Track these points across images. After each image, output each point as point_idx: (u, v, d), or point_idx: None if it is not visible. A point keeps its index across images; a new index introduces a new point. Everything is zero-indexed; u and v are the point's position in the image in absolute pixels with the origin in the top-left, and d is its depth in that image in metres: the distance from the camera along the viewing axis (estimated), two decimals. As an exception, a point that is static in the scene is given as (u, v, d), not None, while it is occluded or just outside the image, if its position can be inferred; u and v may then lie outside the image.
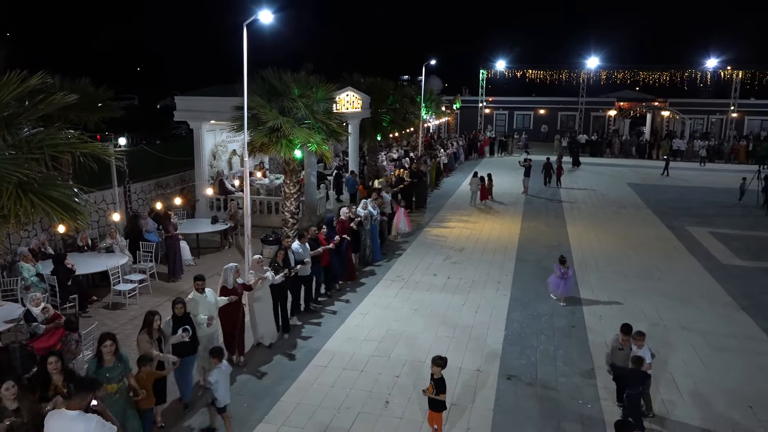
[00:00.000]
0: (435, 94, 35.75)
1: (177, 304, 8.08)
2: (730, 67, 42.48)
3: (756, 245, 17.47)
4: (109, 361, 6.83)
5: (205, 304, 8.67)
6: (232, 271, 9.34)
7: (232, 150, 20.21)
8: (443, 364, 7.32)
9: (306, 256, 11.38)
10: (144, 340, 7.61)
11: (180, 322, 8.03)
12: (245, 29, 11.36)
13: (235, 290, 9.30)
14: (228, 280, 9.29)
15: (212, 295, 8.90)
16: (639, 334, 8.14)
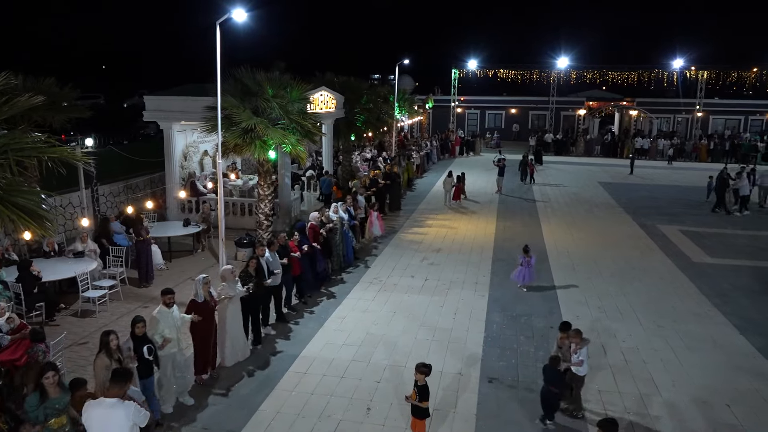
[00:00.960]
0: (408, 94, 35.72)
1: (137, 324, 7.53)
2: (694, 68, 43.38)
3: (724, 243, 17.81)
4: (53, 393, 6.27)
5: (169, 321, 8.08)
6: (201, 283, 8.76)
7: (203, 151, 19.82)
8: (427, 371, 7.16)
9: (276, 265, 10.91)
10: (101, 365, 6.87)
11: (140, 342, 7.52)
12: (218, 28, 11.08)
13: (206, 303, 8.76)
14: (198, 293, 8.74)
15: (178, 312, 8.39)
16: (576, 332, 8.17)
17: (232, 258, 14.55)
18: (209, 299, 8.84)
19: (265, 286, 10.29)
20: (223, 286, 9.34)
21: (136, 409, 5.78)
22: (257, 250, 10.76)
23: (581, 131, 45.10)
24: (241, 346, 9.65)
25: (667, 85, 46.16)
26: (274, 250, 11.11)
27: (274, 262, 10.90)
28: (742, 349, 10.38)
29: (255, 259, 10.36)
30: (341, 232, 14.41)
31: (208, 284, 8.88)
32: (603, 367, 9.60)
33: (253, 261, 10.30)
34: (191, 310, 8.60)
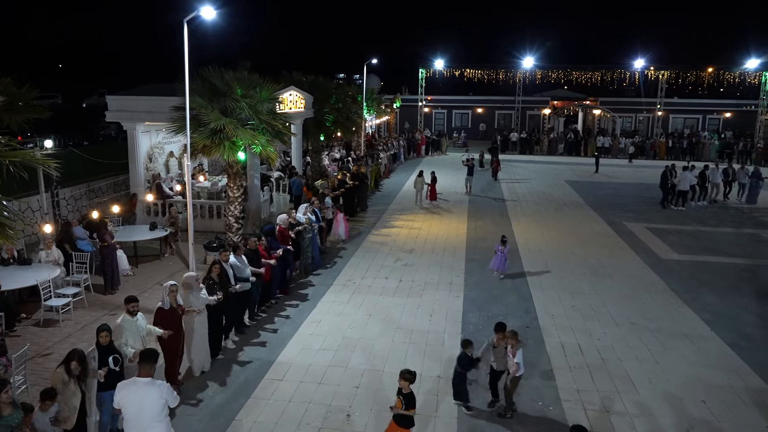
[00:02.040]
0: (375, 93, 35.62)
1: (102, 332, 7.20)
2: (653, 68, 44.35)
3: (689, 239, 18.21)
4: (6, 410, 5.92)
5: (134, 331, 7.79)
6: (167, 290, 8.45)
7: (169, 152, 19.32)
8: (412, 378, 7.01)
9: (246, 271, 10.50)
10: (58, 379, 6.55)
11: (106, 351, 7.18)
12: (186, 26, 10.75)
13: (172, 311, 8.42)
14: (165, 301, 8.42)
15: (143, 320, 8.06)
16: (512, 334, 8.08)
17: (202, 262, 14.18)
18: (176, 306, 8.51)
19: (231, 292, 9.84)
20: (187, 295, 8.90)
21: (168, 389, 6.20)
22: (221, 255, 10.30)
23: (546, 130, 45.68)
24: (203, 357, 9.23)
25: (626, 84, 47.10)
26: (241, 254, 10.70)
27: (242, 268, 10.49)
28: (714, 345, 10.57)
29: (218, 264, 9.87)
30: (310, 234, 14.15)
31: (175, 291, 8.56)
32: (580, 365, 9.65)
33: (216, 266, 9.80)
34: (158, 318, 8.28)
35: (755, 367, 9.70)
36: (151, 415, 6.01)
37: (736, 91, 49.37)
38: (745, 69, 42.09)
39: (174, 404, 6.33)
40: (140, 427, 6.01)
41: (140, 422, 5.99)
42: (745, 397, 8.74)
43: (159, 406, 6.04)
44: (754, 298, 13.06)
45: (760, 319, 11.86)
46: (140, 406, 6.00)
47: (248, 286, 10.55)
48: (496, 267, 13.99)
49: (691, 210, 22.67)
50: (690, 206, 23.11)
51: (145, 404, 6.01)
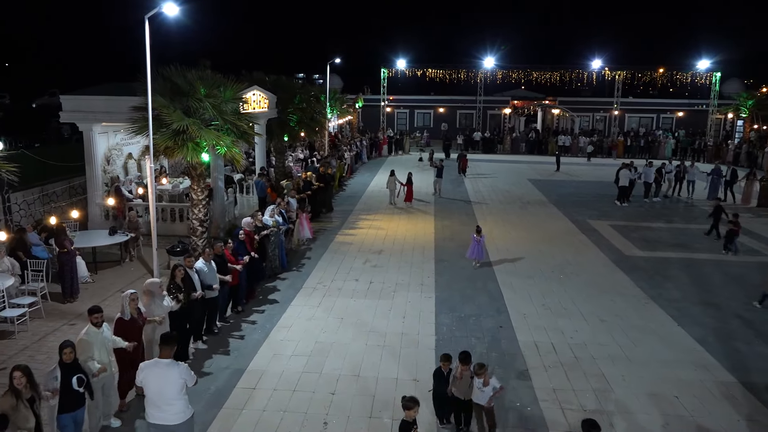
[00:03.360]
0: (338, 93, 35.37)
1: (65, 349, 6.68)
2: (608, 68, 45.34)
3: (650, 236, 18.59)
4: None
5: (101, 343, 7.37)
6: (128, 299, 8.02)
7: (128, 154, 18.68)
8: (412, 405, 6.35)
9: (213, 277, 10.16)
10: (6, 405, 6.05)
11: (69, 370, 6.66)
12: (147, 23, 10.34)
13: (133, 321, 8.02)
14: (125, 311, 8.00)
15: (108, 331, 7.63)
16: (480, 366, 7.29)
17: (165, 267, 13.72)
18: (137, 316, 8.11)
19: (193, 299, 9.40)
20: (150, 303, 8.51)
21: (186, 369, 6.60)
22: (185, 261, 9.91)
23: (508, 130, 46.22)
24: None
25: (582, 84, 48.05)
26: (209, 260, 10.34)
27: (210, 274, 10.14)
28: (682, 340, 10.75)
29: (182, 268, 9.47)
30: (278, 236, 13.88)
31: (136, 300, 8.16)
32: (555, 364, 9.67)
33: (179, 270, 9.39)
34: (118, 329, 7.87)
35: (722, 361, 9.90)
36: (172, 393, 6.46)
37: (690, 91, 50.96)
38: (697, 70, 43.46)
39: (192, 383, 6.70)
40: (162, 404, 6.47)
41: (162, 399, 6.47)
42: (715, 391, 8.90)
43: (179, 385, 6.49)
44: (716, 292, 13.38)
45: (723, 313, 12.14)
46: (162, 385, 6.45)
47: (215, 293, 10.20)
48: (473, 255, 14.71)
49: (647, 207, 23.21)
50: (645, 202, 23.83)
51: (167, 383, 6.44)
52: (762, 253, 16.84)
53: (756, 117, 40.55)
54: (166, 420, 6.48)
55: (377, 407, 8.29)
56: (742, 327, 11.43)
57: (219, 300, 10.67)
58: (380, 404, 8.36)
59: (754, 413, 8.30)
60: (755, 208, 23.34)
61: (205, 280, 9.97)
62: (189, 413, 6.64)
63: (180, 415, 6.51)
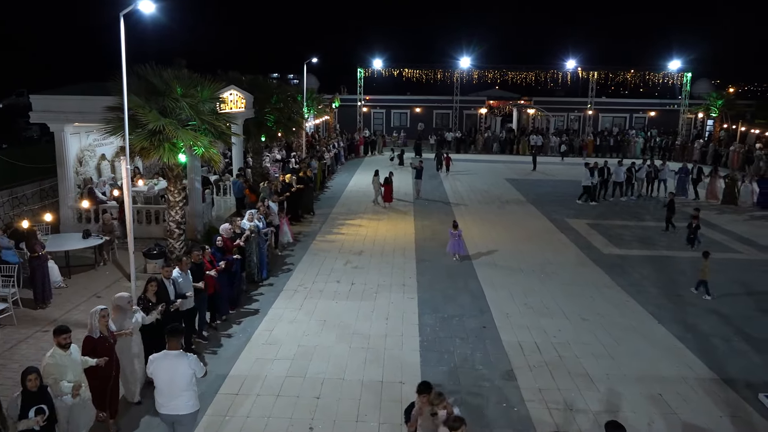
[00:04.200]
0: (315, 93, 35.13)
1: (29, 375, 6.09)
2: (582, 69, 45.85)
3: (627, 234, 18.80)
4: None
5: (72, 365, 6.77)
6: (97, 315, 7.34)
7: (101, 155, 18.25)
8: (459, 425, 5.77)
9: (189, 286, 9.61)
10: None
11: (33, 398, 6.07)
12: (122, 20, 10.07)
13: (103, 340, 7.35)
14: (94, 328, 7.31)
15: (77, 351, 7.03)
16: (437, 395, 6.40)
17: (142, 270, 13.42)
18: (108, 334, 7.46)
19: (170, 311, 8.84)
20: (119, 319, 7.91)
21: (196, 360, 6.77)
22: (163, 271, 9.43)
23: (481, 129, 46.38)
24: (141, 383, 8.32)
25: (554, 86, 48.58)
26: (186, 269, 9.74)
27: (185, 283, 9.55)
28: (663, 337, 10.86)
29: (154, 281, 8.81)
30: (257, 242, 13.37)
31: (107, 317, 7.50)
32: (539, 364, 9.68)
33: (152, 284, 8.73)
34: (87, 349, 7.20)
35: (703, 358, 10.02)
36: (182, 383, 6.61)
37: (662, 91, 51.82)
38: (669, 70, 44.21)
39: (201, 374, 6.86)
40: (171, 395, 6.61)
41: (172, 390, 6.60)
42: (697, 388, 8.99)
43: (188, 376, 6.64)
44: (693, 289, 13.56)
45: (701, 309, 12.31)
46: (171, 376, 6.59)
47: (191, 303, 9.61)
48: (453, 250, 15.23)
49: (622, 205, 23.49)
50: (622, 201, 24.20)
51: (176, 374, 6.59)
52: (734, 249, 17.15)
53: (725, 116, 41.47)
54: (176, 410, 6.65)
55: (363, 411, 8.19)
56: (719, 324, 11.59)
57: (196, 312, 10.10)
58: (366, 408, 8.26)
59: (736, 410, 8.40)
60: (720, 205, 23.88)
61: (180, 290, 9.43)
62: (197, 406, 6.83)
63: (189, 406, 6.69)
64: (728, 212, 22.57)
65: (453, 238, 15.24)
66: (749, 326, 11.46)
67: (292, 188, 18.99)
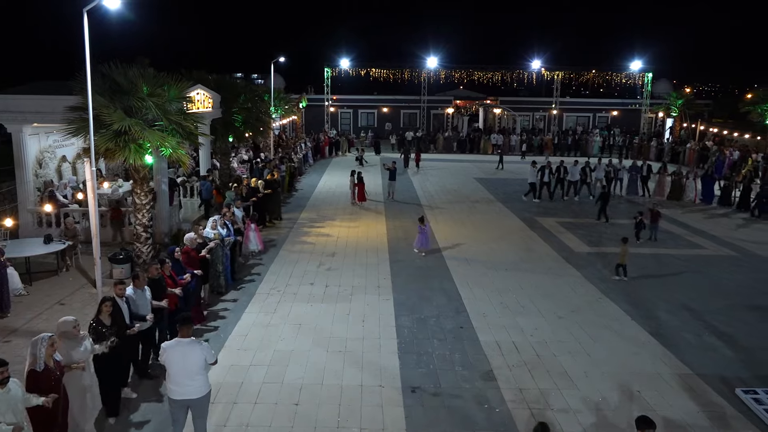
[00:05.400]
0: (282, 93, 34.74)
1: None
2: (547, 69, 46.50)
3: (595, 232, 19.04)
4: None
5: (11, 404, 5.91)
6: (44, 344, 6.38)
7: (61, 156, 17.62)
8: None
9: (146, 306, 8.72)
10: None
11: None
12: (86, 16, 9.67)
13: (49, 373, 6.39)
14: (38, 360, 6.34)
15: (18, 388, 6.05)
16: None
17: (107, 276, 12.98)
18: (54, 366, 6.50)
19: (128, 335, 8.10)
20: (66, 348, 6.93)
21: (208, 347, 6.98)
22: (116, 289, 8.37)
23: (441, 129, 46.48)
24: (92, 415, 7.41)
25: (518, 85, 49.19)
26: (142, 286, 8.82)
27: (142, 303, 8.68)
28: (637, 334, 10.97)
29: (109, 302, 7.88)
30: (221, 250, 12.59)
31: (55, 345, 6.55)
32: (518, 364, 9.65)
33: (106, 305, 7.80)
34: (31, 385, 6.26)
35: (677, 353, 10.16)
36: (194, 369, 6.76)
37: (623, 91, 52.97)
38: (630, 71, 45.16)
39: (212, 360, 6.98)
40: (184, 381, 6.76)
41: (185, 376, 6.76)
42: (673, 384, 9.09)
43: (201, 362, 6.80)
44: (664, 285, 13.80)
45: (672, 305, 12.51)
46: (184, 362, 6.73)
47: (147, 324, 8.68)
48: (419, 245, 15.80)
49: (586, 204, 23.74)
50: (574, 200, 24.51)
51: (189, 360, 6.74)
52: (700, 246, 17.55)
53: (685, 116, 42.59)
54: (189, 394, 6.80)
55: (344, 416, 8.02)
56: (690, 319, 11.79)
57: (155, 331, 9.17)
58: (347, 413, 8.09)
59: (712, 404, 8.52)
60: (665, 200, 24.54)
61: (136, 310, 8.53)
62: (209, 387, 7.01)
63: (202, 389, 6.87)
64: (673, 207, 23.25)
65: (420, 233, 15.81)
66: (718, 321, 11.69)
67: (259, 193, 18.31)
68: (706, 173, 26.13)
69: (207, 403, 7.09)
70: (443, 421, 7.99)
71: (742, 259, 16.30)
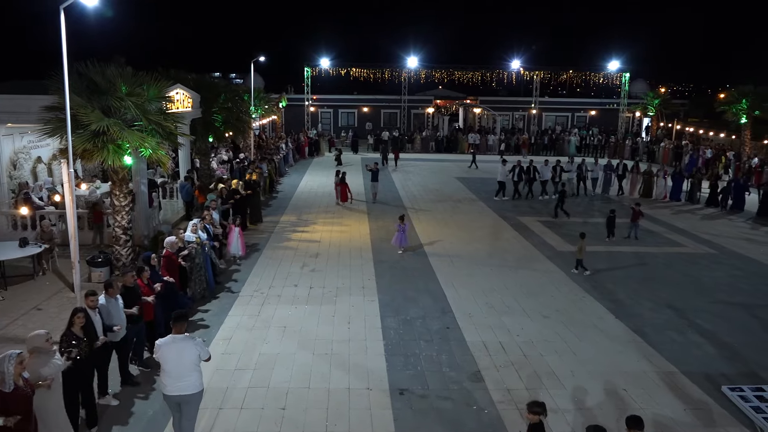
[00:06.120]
0: (262, 92, 34.43)
1: None
2: (527, 69, 46.79)
3: (576, 230, 19.07)
4: None
5: None
6: (12, 363, 5.90)
7: (36, 157, 17.21)
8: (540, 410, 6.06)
9: (120, 318, 8.34)
10: None
11: None
12: (62, 13, 9.42)
13: (17, 393, 5.92)
14: (6, 379, 5.87)
15: None
16: None
17: (86, 279, 12.69)
18: (23, 384, 6.05)
19: (96, 347, 7.61)
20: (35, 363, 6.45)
21: (201, 343, 7.04)
22: (87, 301, 7.90)
23: (418, 128, 46.50)
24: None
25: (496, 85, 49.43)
26: (115, 295, 8.40)
27: (115, 312, 8.30)
28: (622, 332, 11.03)
29: (82, 313, 7.44)
30: (203, 254, 12.25)
31: (24, 363, 6.08)
32: (506, 364, 9.63)
33: (79, 316, 7.37)
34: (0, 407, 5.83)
35: (661, 351, 10.23)
36: (189, 364, 6.83)
37: (600, 91, 53.53)
38: (608, 71, 45.64)
39: (205, 357, 7.04)
40: (180, 375, 6.80)
41: (180, 370, 6.80)
42: (659, 382, 9.14)
43: (195, 357, 6.88)
44: (645, 283, 13.93)
45: (655, 303, 12.62)
46: (179, 357, 6.79)
47: (119, 335, 8.36)
48: (398, 243, 16.02)
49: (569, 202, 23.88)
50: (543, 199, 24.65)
51: (184, 356, 6.81)
52: (679, 243, 17.76)
53: (661, 115, 43.20)
54: (184, 390, 6.83)
55: (332, 420, 7.91)
56: (674, 316, 11.90)
57: (128, 341, 8.77)
58: (335, 417, 7.99)
59: (698, 402, 8.58)
60: (637, 198, 24.80)
61: (109, 320, 8.14)
62: (202, 385, 7.04)
63: (196, 385, 6.90)
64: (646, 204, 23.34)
65: (399, 231, 16.05)
66: (701, 318, 11.81)
67: (237, 195, 17.79)
68: (675, 171, 26.53)
69: (198, 402, 7.10)
70: (432, 423, 7.92)
71: (719, 256, 16.53)
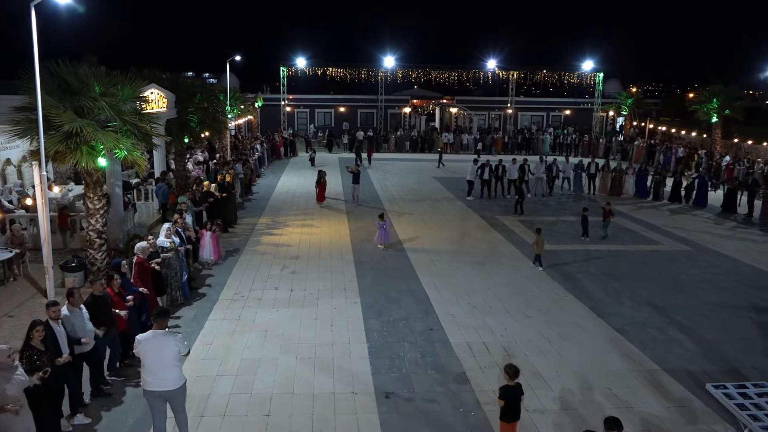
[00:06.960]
0: (237, 92, 34.00)
1: None
2: (502, 69, 47.06)
3: (556, 230, 19.29)
4: None
5: None
6: None
7: (5, 159, 16.70)
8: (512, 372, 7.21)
9: (84, 329, 7.85)
10: None
11: None
12: (33, 11, 9.11)
13: None
14: None
15: None
16: None
17: (59, 285, 12.32)
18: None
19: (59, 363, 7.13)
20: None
21: (180, 339, 7.04)
22: (49, 312, 7.39)
23: (391, 128, 46.46)
24: None
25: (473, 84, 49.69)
26: (78, 305, 7.93)
27: (79, 323, 7.82)
28: (604, 331, 11.09)
29: (41, 326, 6.94)
30: (178, 260, 11.90)
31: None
32: (490, 365, 9.60)
33: (38, 330, 6.88)
34: None
35: (643, 349, 10.30)
36: (169, 360, 6.83)
37: (575, 90, 54.16)
38: (582, 71, 46.16)
39: (184, 352, 7.08)
40: (160, 371, 6.80)
41: (160, 366, 6.80)
42: (643, 380, 9.19)
43: (175, 352, 6.88)
44: (625, 281, 14.05)
45: (635, 302, 12.73)
46: (160, 353, 6.79)
47: (87, 347, 7.93)
48: (379, 239, 16.32)
49: (536, 202, 24.07)
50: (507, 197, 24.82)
51: (165, 351, 6.81)
52: (655, 241, 17.99)
53: (634, 114, 43.84)
54: (165, 386, 6.83)
55: (318, 426, 7.78)
56: (654, 314, 12.01)
57: (99, 353, 8.35)
58: (320, 422, 7.86)
59: (682, 399, 8.65)
60: (607, 196, 25.12)
61: (73, 333, 7.68)
62: (184, 379, 7.03)
63: (177, 381, 6.91)
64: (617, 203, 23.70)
65: (380, 229, 16.38)
66: (681, 315, 11.95)
67: (211, 198, 17.36)
68: (640, 169, 26.91)
69: (184, 394, 7.10)
70: (419, 426, 7.84)
71: (694, 253, 16.77)
